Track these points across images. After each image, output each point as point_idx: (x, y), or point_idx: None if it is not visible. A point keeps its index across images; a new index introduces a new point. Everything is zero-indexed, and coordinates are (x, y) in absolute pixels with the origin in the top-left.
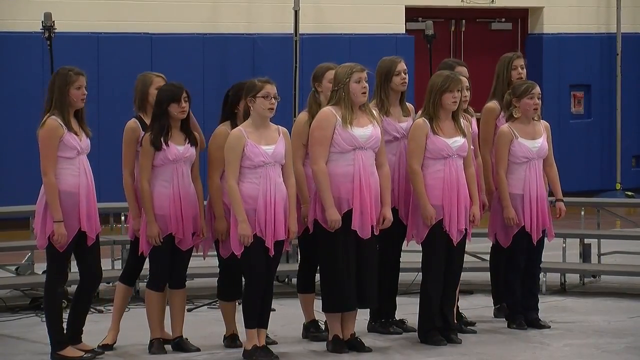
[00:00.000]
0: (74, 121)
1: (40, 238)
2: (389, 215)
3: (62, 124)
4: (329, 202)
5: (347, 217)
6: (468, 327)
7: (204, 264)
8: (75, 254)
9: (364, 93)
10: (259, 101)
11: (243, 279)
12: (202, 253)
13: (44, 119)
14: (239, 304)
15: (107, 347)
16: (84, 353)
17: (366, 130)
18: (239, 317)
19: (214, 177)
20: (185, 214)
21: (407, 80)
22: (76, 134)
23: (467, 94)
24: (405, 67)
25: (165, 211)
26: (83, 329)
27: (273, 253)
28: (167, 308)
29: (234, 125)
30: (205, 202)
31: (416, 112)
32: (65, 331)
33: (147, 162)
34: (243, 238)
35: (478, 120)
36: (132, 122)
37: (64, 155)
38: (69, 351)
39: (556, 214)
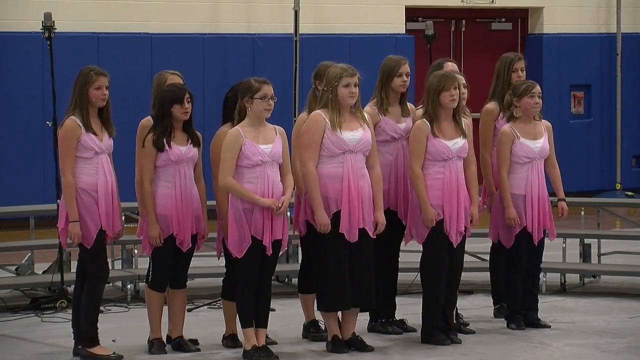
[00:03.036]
0: (96, 121)
1: (62, 236)
2: (381, 219)
3: (81, 125)
4: (317, 205)
5: (336, 217)
6: (467, 328)
7: (204, 264)
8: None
9: (351, 97)
10: (256, 102)
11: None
12: (203, 253)
13: (64, 119)
14: None
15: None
16: (112, 353)
17: (356, 134)
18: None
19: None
20: (186, 215)
21: (407, 83)
22: (96, 134)
23: (465, 91)
24: (409, 70)
25: (168, 211)
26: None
27: (271, 252)
28: (165, 308)
29: (235, 126)
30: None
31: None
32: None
33: (149, 163)
34: (274, 207)
35: (474, 120)
36: (146, 121)
37: (81, 155)
38: (99, 349)
39: (558, 214)
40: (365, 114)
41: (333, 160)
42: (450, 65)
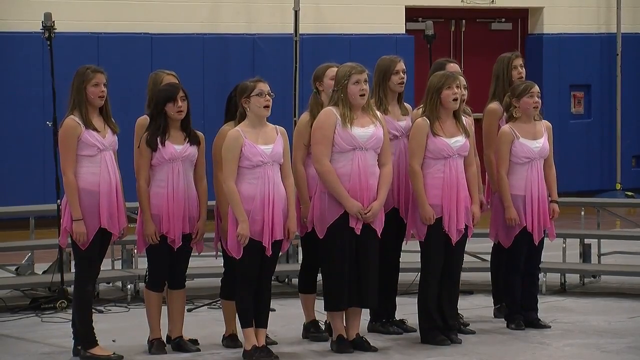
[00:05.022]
0: (97, 118)
1: (62, 236)
2: (375, 208)
3: (81, 123)
4: (344, 196)
5: (344, 216)
6: (467, 328)
7: (204, 264)
8: None
9: (362, 95)
10: (253, 100)
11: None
12: (202, 253)
13: (63, 118)
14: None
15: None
16: (112, 353)
17: (367, 130)
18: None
19: (219, 177)
20: (176, 214)
21: (404, 81)
22: (97, 130)
23: (465, 92)
24: (404, 67)
25: (160, 211)
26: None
27: (271, 253)
28: (164, 308)
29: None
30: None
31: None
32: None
33: (144, 162)
34: (241, 237)
35: (475, 120)
36: (143, 119)
37: (83, 153)
38: (98, 350)
39: (549, 215)
40: (378, 112)
41: (342, 157)
42: (453, 67)
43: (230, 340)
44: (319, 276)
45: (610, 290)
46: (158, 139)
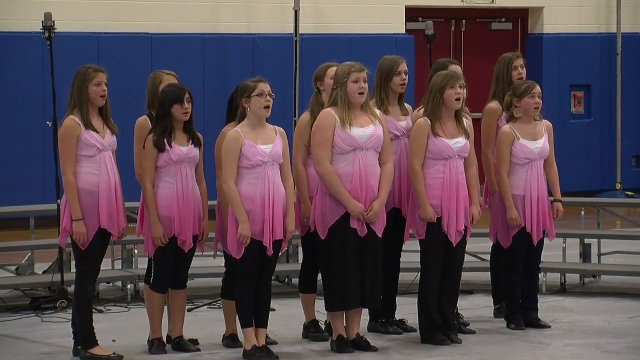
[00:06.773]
0: (97, 119)
1: (62, 236)
2: (376, 207)
3: (80, 123)
4: (346, 197)
5: (345, 216)
6: (467, 328)
7: (204, 264)
8: None
9: (361, 93)
10: (254, 100)
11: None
12: (204, 253)
13: (63, 118)
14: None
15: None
16: (112, 353)
17: (366, 130)
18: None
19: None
20: (187, 215)
21: (406, 82)
22: (97, 131)
23: (464, 92)
24: (406, 69)
25: (170, 212)
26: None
27: (271, 253)
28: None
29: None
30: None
31: (413, 110)
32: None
33: (150, 164)
34: (242, 238)
35: (475, 120)
36: (142, 119)
37: (83, 153)
38: (98, 350)
39: (553, 215)
40: (377, 111)
41: (343, 158)
42: (455, 68)
43: (231, 340)
44: (319, 276)
45: (610, 290)
46: (165, 140)
